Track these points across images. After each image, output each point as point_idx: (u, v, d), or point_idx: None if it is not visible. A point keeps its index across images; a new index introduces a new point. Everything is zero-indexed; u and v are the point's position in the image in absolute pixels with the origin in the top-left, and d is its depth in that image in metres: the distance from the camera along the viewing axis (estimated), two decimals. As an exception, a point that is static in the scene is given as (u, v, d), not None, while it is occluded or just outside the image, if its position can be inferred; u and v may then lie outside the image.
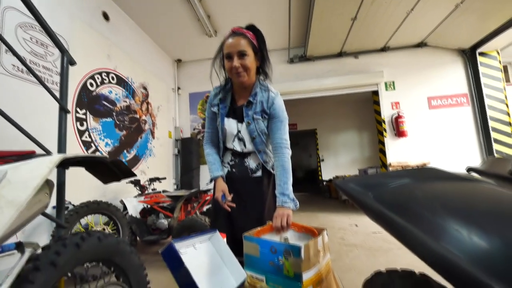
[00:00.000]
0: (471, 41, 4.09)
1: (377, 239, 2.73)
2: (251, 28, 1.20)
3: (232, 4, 3.69)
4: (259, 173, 1.26)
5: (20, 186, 0.58)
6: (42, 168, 0.65)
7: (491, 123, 4.06)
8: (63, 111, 1.03)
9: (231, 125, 1.24)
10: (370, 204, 0.59)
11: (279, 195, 1.12)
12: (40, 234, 2.11)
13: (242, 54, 1.12)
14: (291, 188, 1.14)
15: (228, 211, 1.16)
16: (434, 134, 4.31)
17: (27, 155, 0.71)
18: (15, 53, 0.88)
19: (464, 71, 4.34)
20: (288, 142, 1.21)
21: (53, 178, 0.91)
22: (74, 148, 2.59)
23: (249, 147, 1.24)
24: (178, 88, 5.25)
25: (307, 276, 0.79)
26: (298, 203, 1.12)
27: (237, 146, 1.25)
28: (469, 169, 0.71)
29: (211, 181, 1.26)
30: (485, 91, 4.12)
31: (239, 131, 1.23)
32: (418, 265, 0.63)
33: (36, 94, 2.18)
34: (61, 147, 1.00)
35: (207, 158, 1.30)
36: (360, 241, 2.70)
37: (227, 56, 1.14)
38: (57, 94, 1.10)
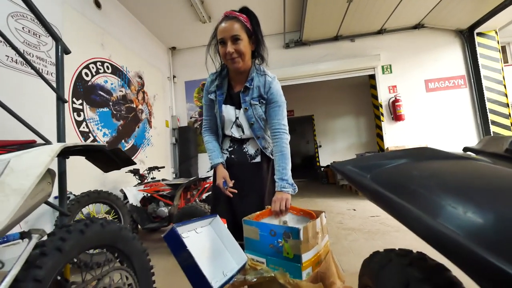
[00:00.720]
0: (469, 21, 4.03)
1: (375, 222, 2.80)
2: (244, 10, 1.16)
3: (226, -13, 3.59)
4: (258, 159, 1.26)
5: (23, 175, 0.59)
6: (44, 156, 0.65)
7: (488, 105, 4.07)
8: (61, 100, 1.02)
9: (229, 111, 1.22)
10: (368, 185, 0.60)
11: (278, 180, 1.14)
12: (43, 224, 2.14)
13: (235, 39, 1.08)
14: (290, 173, 1.15)
15: (230, 197, 1.17)
16: (432, 117, 4.34)
17: (28, 145, 0.72)
18: (13, 46, 0.86)
19: (461, 52, 4.31)
20: (287, 127, 1.21)
21: (54, 167, 0.92)
22: (73, 139, 2.58)
23: (248, 133, 1.23)
24: (174, 77, 5.17)
25: (307, 257, 0.82)
26: (296, 187, 1.14)
27: (236, 133, 1.25)
28: (466, 149, 0.73)
29: (211, 168, 1.26)
30: (483, 72, 4.10)
31: (237, 118, 1.22)
32: (416, 247, 0.66)
33: (31, 85, 2.15)
34: (60, 137, 1.00)
35: (207, 146, 1.29)
36: (358, 225, 2.76)
37: (221, 42, 1.11)
38: (53, 84, 1.09)
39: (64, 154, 0.99)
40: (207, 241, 0.88)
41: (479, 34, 4.15)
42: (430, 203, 0.43)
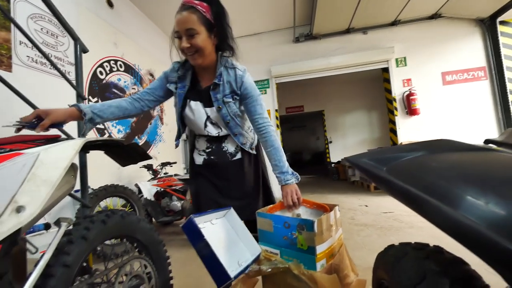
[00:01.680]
0: (491, 9, 3.82)
1: (388, 218, 2.77)
2: None
3: (236, -18, 3.57)
4: (239, 156, 1.22)
5: (52, 167, 0.62)
6: (69, 150, 0.69)
7: (511, 98, 3.88)
8: (80, 97, 1.06)
9: (199, 109, 1.12)
10: (384, 177, 0.60)
11: (278, 174, 1.10)
12: (64, 215, 2.24)
13: (191, 34, 0.96)
14: (287, 164, 1.11)
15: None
16: (449, 111, 4.19)
17: (54, 139, 0.75)
18: (40, 49, 0.90)
19: (482, 42, 4.11)
20: (269, 118, 1.14)
21: (75, 162, 0.96)
22: (89, 135, 2.67)
23: (225, 131, 1.18)
24: (185, 73, 5.22)
25: (321, 249, 0.83)
26: (298, 175, 1.11)
27: (212, 131, 1.17)
28: (487, 141, 0.71)
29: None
30: (506, 63, 3.90)
31: (208, 116, 1.14)
32: (432, 243, 0.66)
33: (50, 83, 2.23)
34: (81, 132, 1.04)
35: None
36: (371, 221, 2.74)
37: (176, 35, 1.00)
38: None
39: (85, 148, 1.04)
40: (222, 232, 0.90)
41: (502, 22, 3.93)
42: (450, 194, 0.43)
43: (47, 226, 1.74)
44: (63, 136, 0.96)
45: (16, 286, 0.66)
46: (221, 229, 0.90)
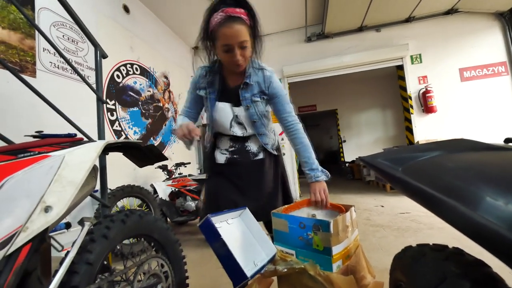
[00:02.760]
0: (510, 2, 3.66)
1: (404, 219, 2.70)
2: (242, 2, 0.98)
3: (247, -16, 3.59)
4: (261, 156, 1.23)
5: (76, 168, 0.66)
6: (92, 152, 0.72)
7: (534, 93, 3.70)
8: (100, 101, 1.10)
9: (225, 109, 1.14)
10: (400, 178, 0.59)
11: (308, 171, 1.11)
12: (84, 215, 2.33)
13: (243, 46, 0.98)
14: (316, 161, 1.12)
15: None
16: (468, 108, 4.03)
17: (77, 142, 0.79)
18: (63, 56, 0.95)
19: (502, 36, 3.93)
20: (297, 117, 1.18)
21: (95, 163, 1.01)
22: (107, 137, 2.77)
23: (250, 131, 1.19)
24: (197, 75, 5.30)
25: (337, 250, 0.82)
26: (328, 173, 1.12)
27: (238, 131, 1.18)
28: (508, 140, 0.68)
29: (172, 132, 1.15)
30: (528, 57, 3.73)
31: (236, 116, 1.15)
32: (452, 245, 0.64)
33: (70, 87, 2.34)
34: (101, 135, 1.09)
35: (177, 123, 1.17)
36: (387, 222, 2.68)
37: (226, 50, 0.99)
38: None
39: (105, 150, 1.08)
40: (238, 231, 0.91)
41: (523, 15, 3.76)
42: (467, 194, 0.42)
43: (68, 225, 1.82)
44: (85, 139, 1.01)
45: (44, 282, 0.70)
46: (236, 229, 0.91)
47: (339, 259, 0.81)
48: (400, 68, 4.41)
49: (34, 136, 0.78)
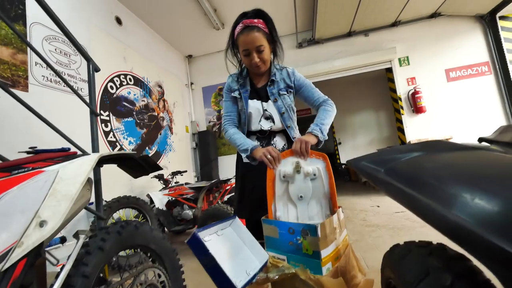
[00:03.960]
0: (489, 5, 3.80)
1: (400, 218, 2.73)
2: (260, 14, 1.18)
3: (236, -6, 3.67)
4: None
5: (70, 182, 0.67)
6: (85, 166, 0.74)
7: (518, 91, 3.81)
8: (94, 114, 1.12)
9: (256, 106, 1.26)
10: (382, 179, 0.63)
11: (312, 125, 1.17)
12: (80, 228, 2.32)
13: (259, 50, 1.15)
14: (326, 126, 1.17)
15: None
16: (455, 108, 4.13)
17: (71, 156, 0.81)
18: (54, 70, 0.97)
19: (483, 38, 4.07)
20: (327, 97, 1.29)
21: (90, 176, 1.02)
22: (102, 148, 2.77)
23: (278, 124, 1.26)
24: (191, 83, 5.34)
25: (326, 253, 0.84)
26: (326, 136, 1.15)
27: (265, 125, 1.27)
28: (481, 139, 0.72)
29: (250, 152, 1.15)
30: (509, 57, 3.85)
31: (265, 110, 1.26)
32: (445, 241, 0.67)
33: (64, 100, 2.34)
34: (95, 147, 1.11)
35: (234, 137, 1.24)
36: (383, 221, 2.71)
37: (245, 54, 1.17)
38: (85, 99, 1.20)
39: (99, 163, 1.10)
40: (229, 242, 0.92)
41: (502, 17, 3.90)
42: (441, 193, 0.45)
43: (62, 240, 1.81)
44: (79, 152, 1.02)
45: (40, 296, 0.71)
46: (227, 240, 0.92)
47: (328, 261, 0.83)
48: (389, 70, 4.50)
49: (28, 152, 0.79)
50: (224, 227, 0.95)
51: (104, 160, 1.09)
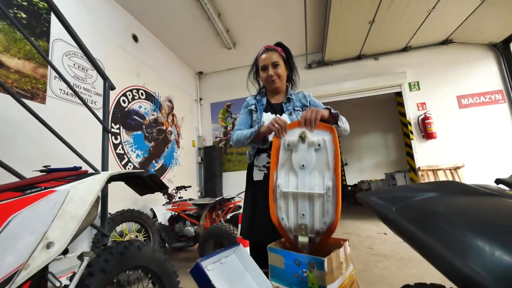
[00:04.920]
0: (503, 34, 3.83)
1: (408, 248, 2.63)
2: (280, 44, 1.42)
3: (248, 17, 3.82)
4: None
5: (80, 203, 0.68)
6: (95, 186, 0.75)
7: (532, 121, 3.75)
8: (106, 131, 1.15)
9: (269, 117, 1.29)
10: (393, 218, 0.61)
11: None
12: (82, 241, 2.31)
13: (275, 65, 1.33)
14: (343, 118, 1.20)
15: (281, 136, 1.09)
16: (467, 135, 4.06)
17: (82, 175, 0.82)
18: (72, 89, 1.01)
19: (497, 66, 4.06)
20: None
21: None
22: (110, 161, 2.80)
23: None
24: (200, 99, 5.46)
25: (332, 288, 0.81)
26: (339, 115, 1.14)
27: None
28: (498, 181, 0.70)
29: (258, 129, 1.19)
30: (523, 86, 3.83)
31: None
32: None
33: (77, 113, 2.41)
34: (105, 165, 1.12)
35: (240, 133, 1.28)
36: (390, 251, 2.61)
37: (263, 68, 1.35)
38: (97, 113, 1.24)
39: (108, 180, 1.11)
40: (232, 271, 0.90)
41: (516, 46, 3.92)
42: (455, 242, 0.44)
43: (65, 251, 1.80)
44: (90, 169, 1.04)
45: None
46: (230, 268, 0.90)
47: (335, 297, 0.80)
48: (399, 94, 4.51)
49: (41, 171, 0.81)
50: (227, 255, 0.94)
51: (112, 178, 1.10)
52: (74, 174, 0.80)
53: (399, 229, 0.58)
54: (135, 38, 3.53)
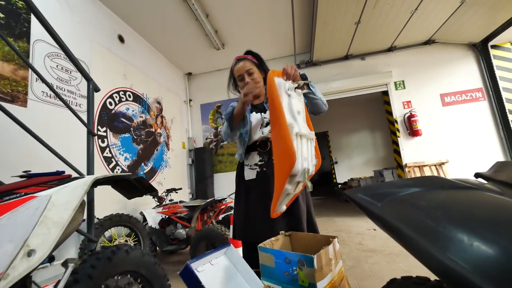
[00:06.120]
0: (481, 34, 3.99)
1: (396, 243, 2.68)
2: (249, 52, 1.49)
3: (237, 18, 3.82)
4: None
5: (63, 208, 0.66)
6: (79, 190, 0.73)
7: (511, 117, 3.90)
8: (91, 134, 1.12)
9: (256, 116, 1.39)
10: (378, 214, 0.62)
11: None
12: (69, 246, 2.23)
13: (250, 73, 1.39)
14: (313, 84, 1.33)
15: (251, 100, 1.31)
16: (451, 132, 4.21)
17: (66, 179, 0.80)
18: (54, 91, 0.98)
19: (476, 65, 4.23)
20: None
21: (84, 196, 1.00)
22: (96, 164, 2.73)
23: None
24: (190, 100, 5.41)
25: (321, 285, 0.82)
26: (315, 92, 1.35)
27: (266, 131, 1.36)
28: (477, 175, 0.73)
29: (234, 109, 1.35)
30: (502, 84, 3.99)
31: (264, 117, 1.39)
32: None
33: (61, 116, 2.34)
34: (90, 168, 1.10)
35: (224, 126, 1.41)
36: (379, 246, 2.66)
37: (240, 79, 1.41)
38: (81, 116, 1.20)
39: (93, 184, 1.08)
40: (223, 271, 0.90)
41: (493, 46, 4.08)
42: (437, 235, 0.45)
43: (51, 259, 1.75)
44: (75, 173, 1.01)
45: (21, 328, 0.67)
46: (221, 268, 0.90)
47: (325, 294, 0.81)
48: (385, 93, 4.61)
49: (21, 176, 0.78)
50: (218, 256, 0.93)
51: (98, 182, 1.08)
52: (57, 179, 0.78)
53: (385, 224, 0.59)
54: (121, 38, 3.46)
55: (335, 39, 4.09)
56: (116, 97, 3.20)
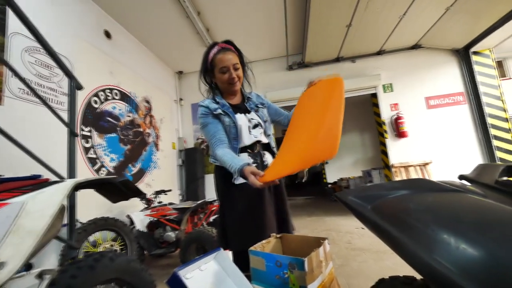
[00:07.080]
0: (464, 41, 4.16)
1: (384, 242, 2.73)
2: (230, 43, 1.33)
3: (229, 16, 3.78)
4: None
5: (38, 215, 0.62)
6: (57, 195, 0.69)
7: (489, 120, 4.10)
8: (72, 134, 1.07)
9: (242, 118, 1.32)
10: (368, 216, 0.62)
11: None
12: (49, 253, 2.14)
13: (236, 68, 1.29)
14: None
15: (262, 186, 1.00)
16: (434, 133, 4.35)
17: (43, 184, 0.75)
18: (30, 87, 0.93)
19: (459, 70, 4.40)
20: None
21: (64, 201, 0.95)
22: (80, 166, 2.63)
23: (265, 132, 1.38)
24: (180, 99, 5.32)
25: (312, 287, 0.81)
26: None
27: (256, 133, 1.34)
28: (461, 177, 0.74)
29: (239, 171, 1.06)
30: (481, 89, 4.18)
31: (251, 119, 1.35)
32: None
33: (41, 114, 2.22)
34: (72, 171, 1.05)
35: (225, 157, 1.15)
36: (367, 245, 2.70)
37: (223, 70, 1.27)
38: (63, 115, 1.15)
39: (75, 188, 1.03)
40: (213, 277, 0.87)
41: (474, 53, 4.26)
42: (424, 237, 0.45)
43: (28, 267, 1.66)
44: (54, 177, 0.96)
45: None
46: (210, 274, 0.87)
47: (315, 297, 0.80)
48: (374, 96, 4.70)
49: (-8, 181, 0.73)
50: (207, 261, 0.90)
51: (80, 186, 1.03)
52: (32, 184, 0.73)
53: (375, 226, 0.58)
54: (107, 34, 3.35)
55: (327, 41, 4.12)
56: (101, 95, 3.10)
